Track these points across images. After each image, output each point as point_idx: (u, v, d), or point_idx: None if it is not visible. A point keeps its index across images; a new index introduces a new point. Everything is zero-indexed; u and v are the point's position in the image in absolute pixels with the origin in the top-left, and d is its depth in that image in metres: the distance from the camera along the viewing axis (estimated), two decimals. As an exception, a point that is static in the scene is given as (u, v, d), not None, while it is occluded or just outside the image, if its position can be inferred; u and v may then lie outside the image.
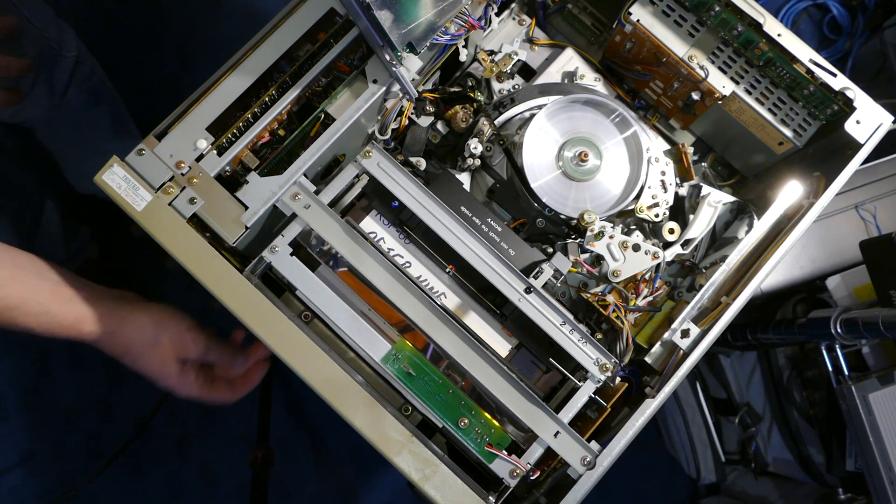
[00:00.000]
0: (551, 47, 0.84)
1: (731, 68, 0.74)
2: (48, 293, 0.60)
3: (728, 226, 0.78)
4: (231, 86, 0.63)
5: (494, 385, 0.61)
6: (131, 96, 1.21)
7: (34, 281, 0.60)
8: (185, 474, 1.36)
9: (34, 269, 0.61)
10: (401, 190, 0.64)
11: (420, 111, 0.78)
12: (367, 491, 1.40)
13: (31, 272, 0.60)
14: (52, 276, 0.61)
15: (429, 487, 0.57)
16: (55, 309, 0.60)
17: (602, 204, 0.73)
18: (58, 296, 0.60)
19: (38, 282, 0.60)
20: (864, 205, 1.02)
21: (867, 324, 0.84)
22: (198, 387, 0.70)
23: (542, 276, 0.66)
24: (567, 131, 0.74)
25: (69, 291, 0.61)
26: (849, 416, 0.93)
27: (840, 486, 1.04)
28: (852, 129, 0.68)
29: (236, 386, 0.74)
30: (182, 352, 0.67)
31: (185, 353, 0.67)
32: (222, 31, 1.49)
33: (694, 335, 0.65)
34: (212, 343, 0.69)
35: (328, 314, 0.61)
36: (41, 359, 1.35)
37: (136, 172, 0.61)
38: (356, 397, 0.58)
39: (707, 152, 0.85)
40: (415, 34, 0.59)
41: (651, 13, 0.73)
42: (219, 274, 0.59)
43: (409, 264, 0.67)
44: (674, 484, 1.48)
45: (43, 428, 1.34)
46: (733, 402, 1.27)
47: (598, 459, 0.60)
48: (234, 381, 0.74)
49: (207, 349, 0.69)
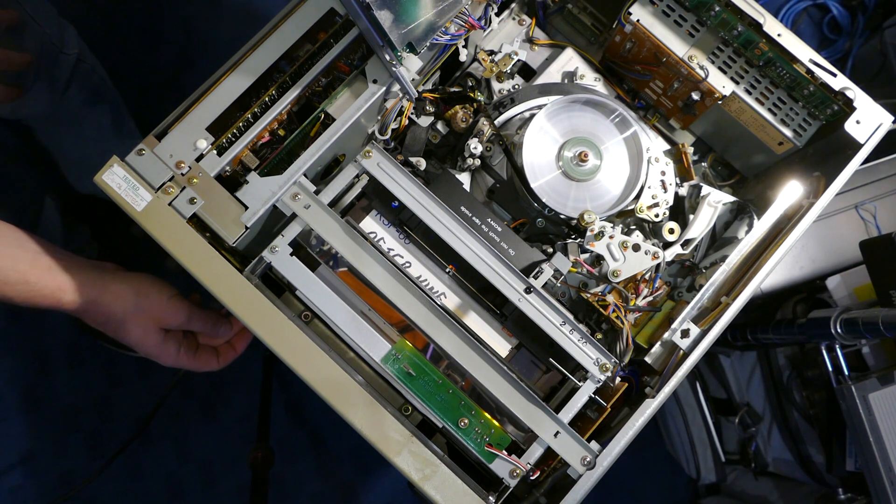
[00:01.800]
0: (551, 47, 0.84)
1: (731, 68, 0.74)
2: (27, 263, 0.59)
3: (728, 226, 0.78)
4: (231, 86, 0.63)
5: (494, 385, 0.61)
6: (131, 96, 1.21)
7: (13, 251, 0.59)
8: (185, 474, 1.36)
9: (13, 239, 0.60)
10: (401, 190, 0.64)
11: (420, 111, 0.78)
12: (367, 491, 1.40)
13: (11, 242, 0.60)
14: (31, 245, 0.61)
15: (429, 487, 0.57)
16: (34, 278, 0.59)
17: (602, 204, 0.73)
18: (37, 265, 0.60)
19: (18, 251, 0.59)
20: (864, 205, 1.02)
21: (867, 324, 0.84)
22: (182, 355, 0.69)
23: (542, 276, 0.66)
24: (567, 131, 0.74)
25: (48, 261, 0.60)
26: (849, 416, 0.93)
27: (840, 486, 1.04)
28: (852, 129, 0.68)
29: (221, 353, 0.73)
30: (164, 320, 0.66)
31: (167, 322, 0.66)
32: (222, 31, 1.49)
33: (694, 335, 0.65)
34: (194, 311, 0.68)
35: (328, 314, 0.61)
36: (41, 359, 1.35)
37: (136, 172, 0.61)
38: (356, 397, 0.58)
39: (707, 152, 0.85)
40: (415, 34, 0.59)
41: (651, 13, 0.73)
42: (219, 274, 0.59)
43: (409, 264, 0.67)
44: (674, 484, 1.48)
45: (43, 428, 1.34)
46: (733, 402, 1.27)
47: (598, 459, 0.60)
48: (219, 349, 0.73)
49: (190, 317, 0.68)
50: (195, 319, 0.69)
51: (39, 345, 1.35)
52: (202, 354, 0.72)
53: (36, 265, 0.60)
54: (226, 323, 0.72)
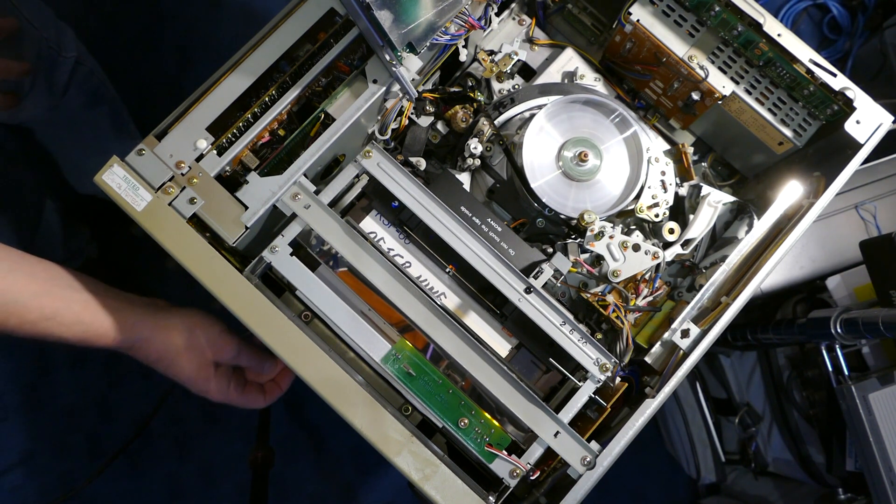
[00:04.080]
0: (551, 47, 0.84)
1: (731, 68, 0.74)
2: (81, 304, 0.60)
3: (728, 226, 0.78)
4: (231, 86, 0.63)
5: (494, 385, 0.61)
6: (131, 96, 1.21)
7: (66, 292, 0.60)
8: (185, 474, 1.36)
9: (66, 281, 0.61)
10: (401, 190, 0.64)
11: (420, 111, 0.78)
12: (367, 491, 1.40)
13: (64, 284, 0.61)
14: (83, 286, 0.62)
15: (429, 487, 0.57)
16: (88, 318, 0.60)
17: (602, 204, 0.73)
18: (91, 306, 0.61)
19: (70, 293, 0.60)
20: (864, 205, 1.02)
21: (867, 324, 0.84)
22: (231, 391, 0.70)
23: (542, 276, 0.66)
24: (567, 131, 0.74)
25: (102, 301, 0.61)
26: (849, 416, 0.93)
27: (840, 486, 1.04)
28: (852, 129, 0.68)
29: (268, 390, 0.74)
30: (216, 355, 0.67)
31: (218, 356, 0.67)
32: (222, 31, 1.49)
33: (694, 335, 0.65)
34: (243, 346, 0.69)
35: (328, 314, 0.61)
36: (41, 359, 1.35)
37: (136, 172, 0.61)
38: (356, 397, 0.58)
39: (707, 152, 0.85)
40: (415, 34, 0.59)
41: (651, 13, 0.73)
42: (219, 274, 0.59)
43: (409, 264, 0.67)
44: (674, 484, 1.48)
45: (43, 428, 1.34)
46: (733, 402, 1.27)
47: (598, 459, 0.60)
48: (265, 386, 0.74)
49: (240, 352, 0.68)
50: (244, 354, 0.69)
51: (39, 345, 1.35)
52: (250, 390, 0.72)
53: (89, 306, 0.61)
54: (272, 360, 0.73)
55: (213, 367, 0.67)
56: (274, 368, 0.74)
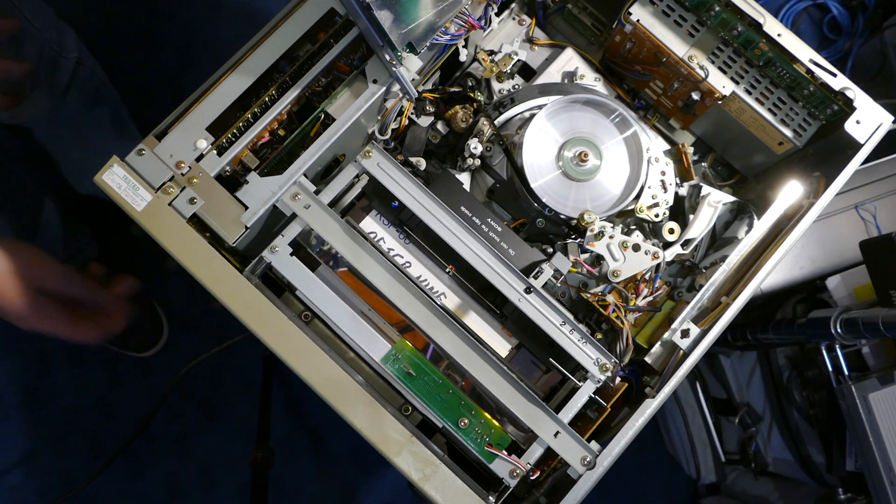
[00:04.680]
0: (551, 47, 0.84)
1: (731, 68, 0.74)
2: None
3: (728, 226, 0.78)
4: (231, 86, 0.63)
5: (494, 385, 0.61)
6: (131, 96, 1.21)
7: None
8: (185, 474, 1.36)
9: None
10: (401, 190, 0.64)
11: (420, 111, 0.78)
12: (367, 491, 1.40)
13: None
14: None
15: (429, 487, 0.57)
16: None
17: (602, 204, 0.73)
18: None
19: None
20: (864, 205, 1.02)
21: (867, 324, 0.84)
22: (57, 320, 0.65)
23: (542, 276, 0.66)
24: (567, 131, 0.74)
25: None
26: (849, 416, 0.93)
27: (840, 486, 1.04)
28: (852, 129, 0.68)
29: (101, 324, 0.69)
30: (37, 279, 0.62)
31: (40, 281, 0.63)
32: (222, 31, 1.49)
33: (694, 335, 0.65)
34: (70, 275, 0.65)
35: (328, 314, 0.61)
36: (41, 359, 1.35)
37: (136, 172, 0.61)
38: (356, 397, 0.58)
39: (707, 152, 0.85)
40: (415, 34, 0.59)
41: (651, 13, 0.73)
42: (219, 274, 0.59)
43: (409, 264, 0.67)
44: (674, 484, 1.48)
45: (43, 428, 1.34)
46: (733, 402, 1.27)
47: (598, 459, 0.60)
48: (98, 320, 0.69)
49: (65, 280, 0.65)
50: (72, 284, 0.65)
51: (39, 345, 1.35)
52: (81, 324, 0.67)
53: None
54: (105, 290, 0.68)
55: (35, 292, 0.63)
56: (108, 300, 0.68)
